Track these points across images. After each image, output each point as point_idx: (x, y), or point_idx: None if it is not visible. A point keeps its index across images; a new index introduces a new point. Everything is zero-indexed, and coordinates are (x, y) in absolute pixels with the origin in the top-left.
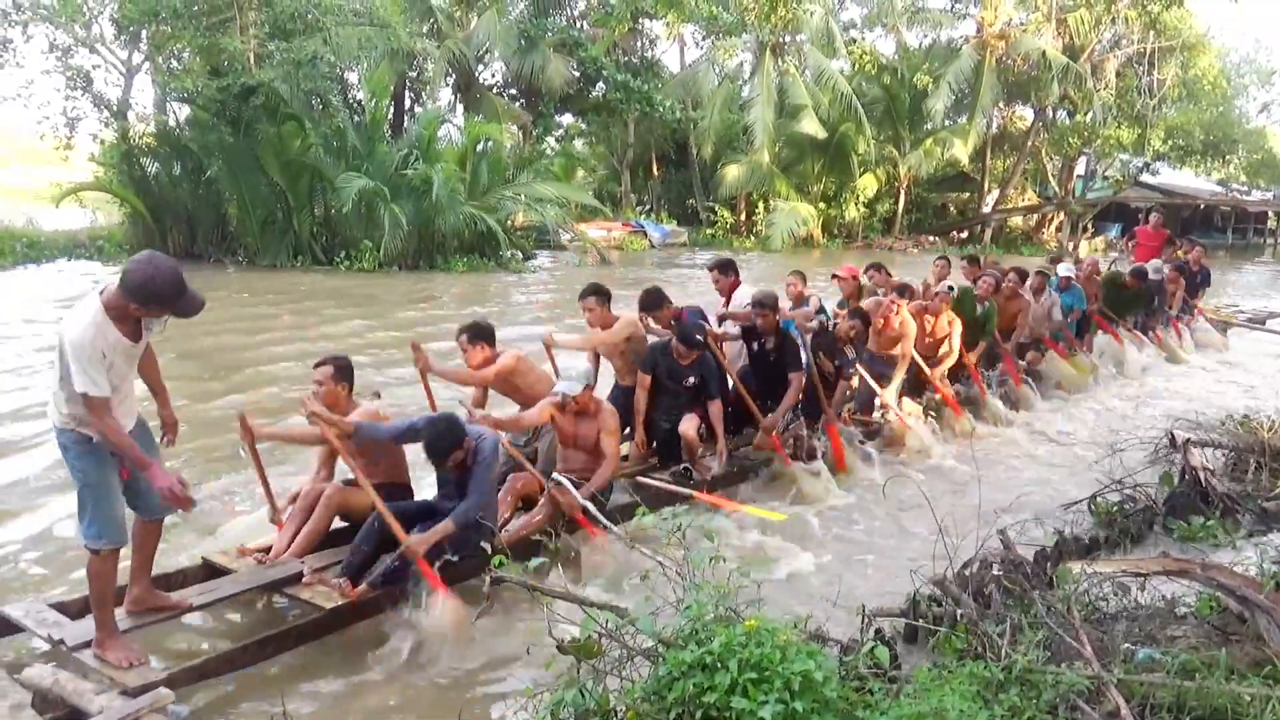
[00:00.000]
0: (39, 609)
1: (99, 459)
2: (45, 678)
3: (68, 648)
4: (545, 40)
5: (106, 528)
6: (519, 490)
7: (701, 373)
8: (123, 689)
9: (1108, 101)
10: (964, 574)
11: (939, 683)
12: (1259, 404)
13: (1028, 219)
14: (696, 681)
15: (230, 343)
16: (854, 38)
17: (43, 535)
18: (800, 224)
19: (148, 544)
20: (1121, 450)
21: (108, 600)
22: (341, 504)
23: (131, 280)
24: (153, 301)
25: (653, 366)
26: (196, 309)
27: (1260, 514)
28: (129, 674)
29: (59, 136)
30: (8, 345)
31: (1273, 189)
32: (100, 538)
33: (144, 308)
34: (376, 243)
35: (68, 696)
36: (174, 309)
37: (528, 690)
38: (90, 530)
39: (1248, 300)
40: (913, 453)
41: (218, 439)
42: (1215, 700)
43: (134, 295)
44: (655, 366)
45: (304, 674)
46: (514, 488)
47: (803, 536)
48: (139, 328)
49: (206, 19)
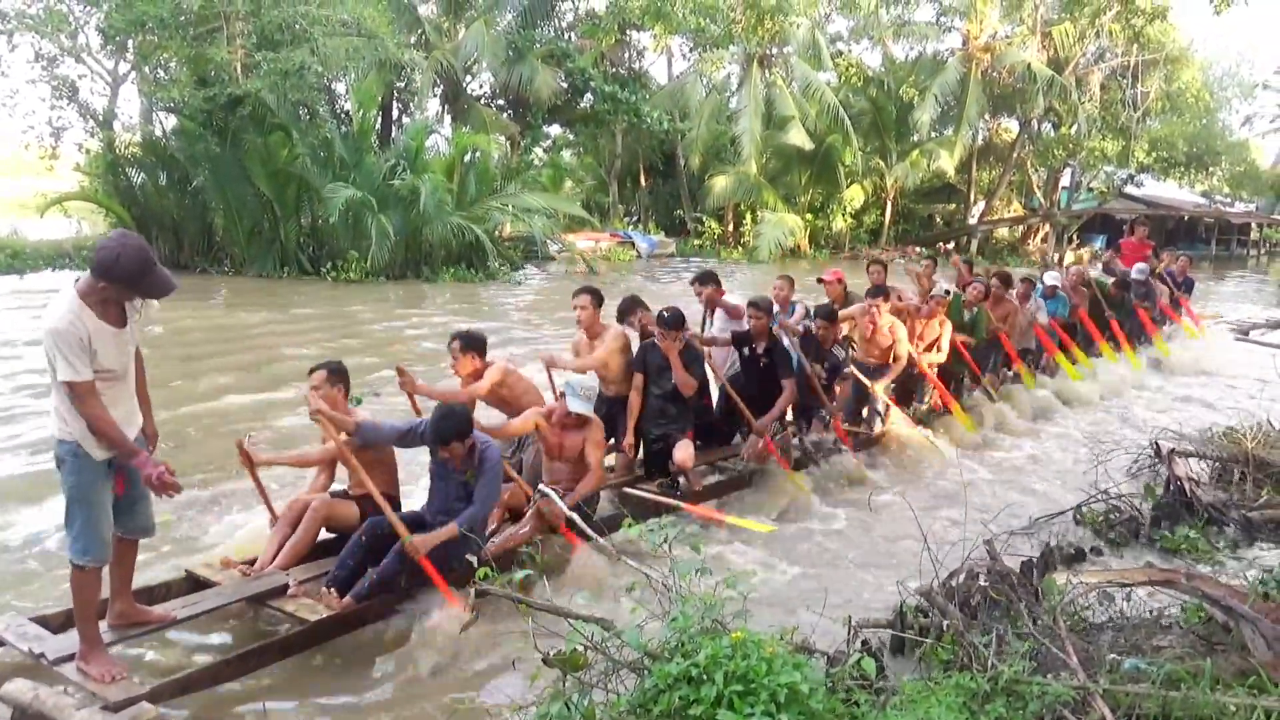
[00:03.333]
0: (19, 623)
1: (94, 475)
2: (25, 693)
3: (49, 662)
4: (533, 51)
5: (92, 544)
6: (505, 502)
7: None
8: (104, 703)
9: (1092, 114)
10: (950, 585)
11: (925, 694)
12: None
13: (1013, 230)
14: (682, 694)
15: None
16: (840, 50)
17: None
18: (788, 235)
19: (127, 559)
20: (1106, 461)
21: (91, 614)
22: (328, 516)
23: (100, 260)
24: (121, 279)
25: (642, 364)
26: (164, 289)
27: (1245, 524)
28: (111, 688)
29: (44, 146)
30: None
31: (1255, 201)
32: (86, 554)
33: (113, 286)
34: (363, 253)
35: (48, 711)
36: (140, 287)
37: (513, 704)
38: (76, 546)
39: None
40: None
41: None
42: (1200, 710)
43: (103, 274)
44: (644, 364)
45: (289, 687)
46: (501, 499)
47: (790, 548)
48: (121, 313)
49: (193, 29)
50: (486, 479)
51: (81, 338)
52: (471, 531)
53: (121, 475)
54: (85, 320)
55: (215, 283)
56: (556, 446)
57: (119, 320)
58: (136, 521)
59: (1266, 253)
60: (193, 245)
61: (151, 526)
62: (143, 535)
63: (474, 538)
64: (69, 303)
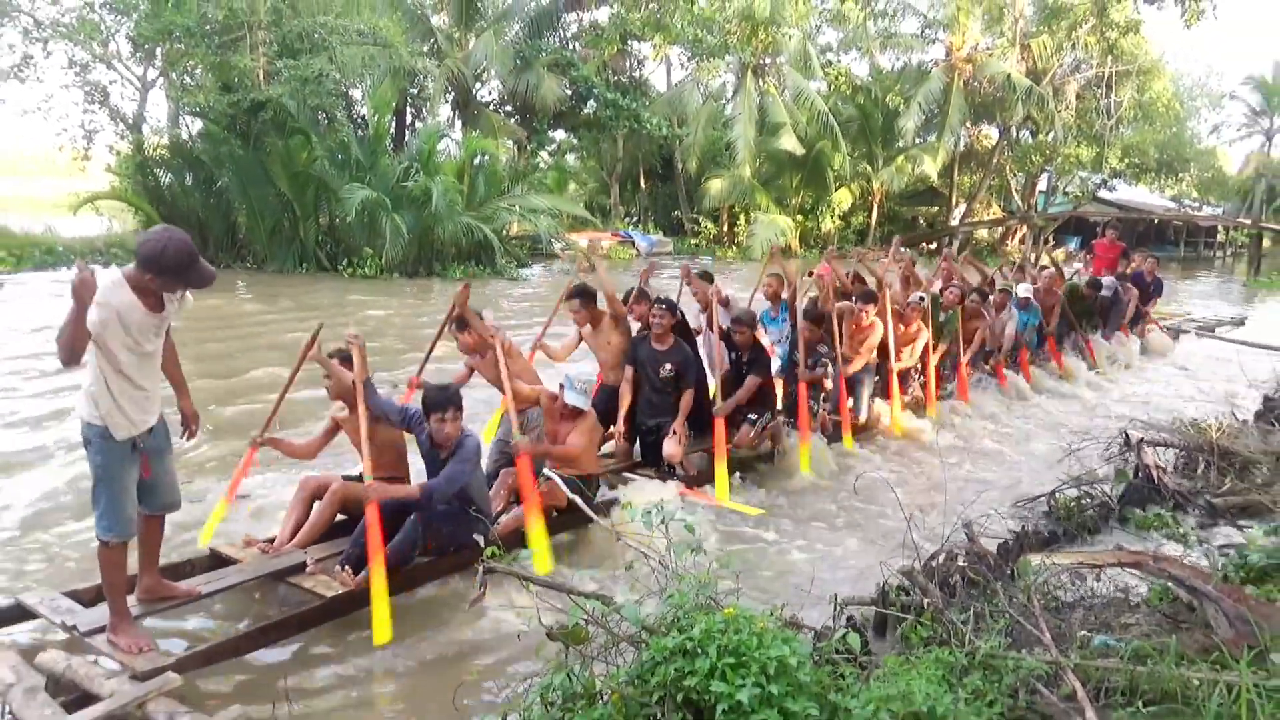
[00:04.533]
0: (52, 597)
1: (118, 456)
2: (59, 662)
3: (80, 634)
4: (539, 60)
5: (116, 522)
6: (511, 485)
7: (679, 360)
8: (132, 673)
9: (1068, 122)
10: (931, 566)
11: (907, 667)
12: (1210, 406)
13: (993, 231)
14: (678, 666)
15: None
16: (830, 60)
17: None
18: (779, 235)
19: (153, 537)
20: (1079, 450)
21: (119, 588)
22: (343, 498)
23: (145, 252)
24: (167, 272)
25: (634, 358)
26: (208, 280)
27: (1209, 509)
28: (138, 659)
29: (77, 148)
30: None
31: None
32: (110, 530)
33: (158, 279)
34: (378, 250)
35: (80, 680)
36: (186, 279)
37: (519, 675)
38: (102, 523)
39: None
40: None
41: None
42: (1166, 684)
43: (148, 266)
44: (636, 356)
45: (306, 658)
46: (506, 483)
47: (778, 530)
48: (159, 302)
49: (218, 38)
50: (458, 459)
51: (117, 310)
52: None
53: (145, 457)
54: (123, 295)
55: (238, 277)
56: (553, 434)
57: (155, 307)
58: (161, 499)
59: (1232, 254)
60: (217, 242)
61: (177, 501)
62: (169, 510)
63: (481, 518)
64: (113, 278)
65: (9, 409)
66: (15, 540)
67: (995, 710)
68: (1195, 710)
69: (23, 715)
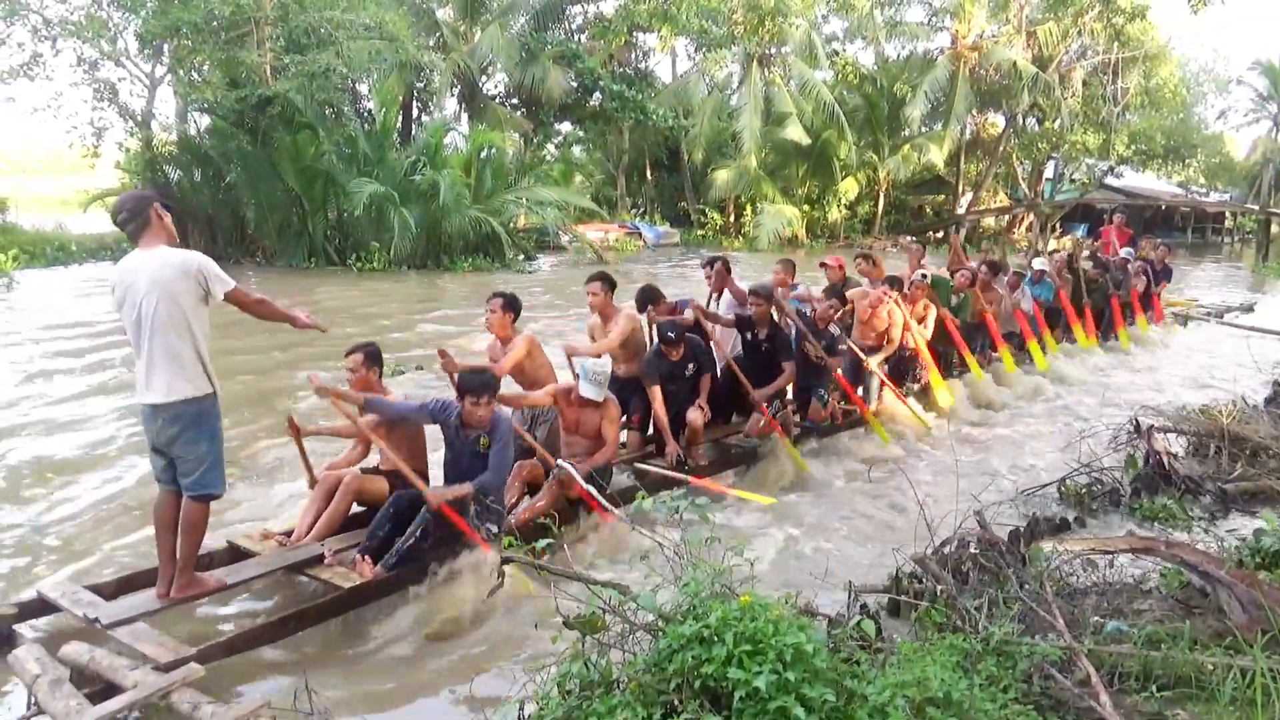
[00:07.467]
0: (74, 590)
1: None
2: (83, 654)
3: (103, 626)
4: (545, 53)
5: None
6: (525, 476)
7: (695, 357)
8: (155, 664)
9: (1074, 109)
10: (943, 553)
11: (921, 654)
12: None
13: (999, 220)
14: (695, 654)
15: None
16: (836, 49)
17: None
18: (785, 225)
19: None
20: (1089, 436)
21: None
22: (359, 490)
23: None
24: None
25: (656, 376)
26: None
27: (1220, 495)
28: (161, 650)
29: (86, 145)
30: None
31: (1229, 191)
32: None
33: None
34: (386, 244)
35: (104, 672)
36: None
37: (536, 662)
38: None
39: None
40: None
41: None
42: (1179, 669)
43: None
44: (658, 375)
45: (325, 648)
46: (520, 474)
47: (792, 518)
48: None
49: (225, 34)
50: (500, 445)
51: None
52: (487, 496)
53: None
54: None
55: (248, 272)
56: (574, 422)
57: None
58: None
59: (1239, 240)
60: (226, 237)
61: None
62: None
63: (497, 509)
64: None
65: (42, 416)
66: (62, 533)
67: (1010, 695)
68: (1209, 695)
69: (48, 706)
